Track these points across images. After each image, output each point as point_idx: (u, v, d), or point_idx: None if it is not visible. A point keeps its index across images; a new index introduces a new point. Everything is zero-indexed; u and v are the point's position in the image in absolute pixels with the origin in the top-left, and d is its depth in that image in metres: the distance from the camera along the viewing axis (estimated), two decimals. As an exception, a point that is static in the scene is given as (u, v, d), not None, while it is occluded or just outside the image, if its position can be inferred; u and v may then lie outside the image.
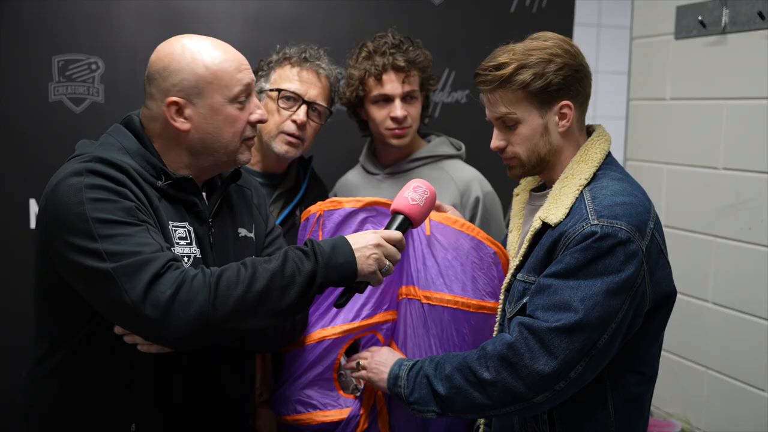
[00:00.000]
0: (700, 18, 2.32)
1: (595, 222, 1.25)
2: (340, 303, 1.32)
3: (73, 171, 1.21)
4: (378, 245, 1.27)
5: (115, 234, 1.15)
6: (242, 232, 1.44)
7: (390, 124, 1.82)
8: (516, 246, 1.48)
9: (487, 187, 1.90)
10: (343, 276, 1.24)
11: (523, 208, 1.52)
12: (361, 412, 1.51)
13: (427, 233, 1.50)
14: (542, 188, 1.47)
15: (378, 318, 1.53)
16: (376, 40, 1.85)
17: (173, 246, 1.27)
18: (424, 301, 1.49)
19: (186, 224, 1.31)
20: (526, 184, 1.54)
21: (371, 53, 1.81)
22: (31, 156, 2.07)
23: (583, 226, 1.26)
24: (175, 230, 1.29)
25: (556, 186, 1.37)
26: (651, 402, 1.40)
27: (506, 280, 1.43)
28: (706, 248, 2.32)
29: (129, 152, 1.27)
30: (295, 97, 1.77)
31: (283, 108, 1.76)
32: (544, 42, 1.36)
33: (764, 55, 2.13)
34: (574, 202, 1.31)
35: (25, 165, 2.08)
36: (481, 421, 1.53)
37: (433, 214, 1.51)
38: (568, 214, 1.31)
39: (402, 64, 1.79)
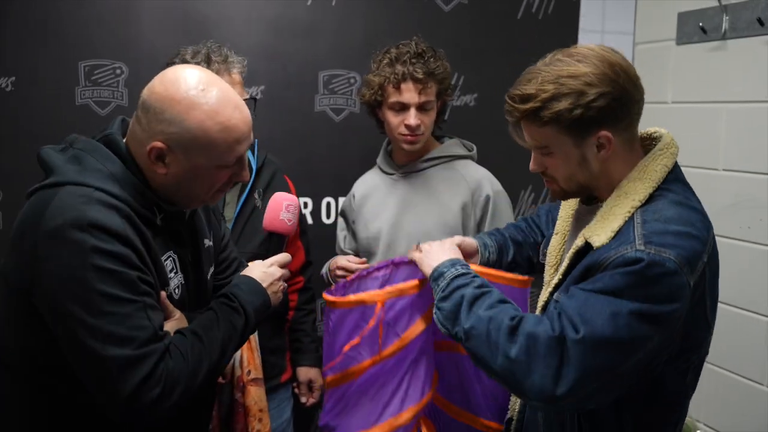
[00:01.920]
0: (700, 24, 2.35)
1: (642, 248, 1.11)
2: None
3: (74, 221, 1.10)
4: (280, 277, 1.40)
5: (113, 312, 1.10)
6: (206, 243, 1.43)
7: (404, 130, 1.86)
8: (558, 250, 1.41)
9: (498, 186, 1.93)
10: (261, 315, 1.36)
11: (572, 214, 1.42)
12: None
13: None
14: (591, 200, 1.35)
15: (434, 383, 1.50)
16: (400, 47, 1.87)
17: (167, 285, 1.26)
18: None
19: (171, 252, 1.28)
20: None
21: (393, 61, 1.84)
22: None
23: (627, 249, 1.13)
24: (166, 263, 1.26)
25: (607, 204, 1.24)
26: (673, 424, 1.31)
27: (544, 297, 1.35)
28: None
29: (117, 181, 1.18)
30: None
31: None
32: (578, 65, 1.18)
33: (763, 60, 2.17)
34: (623, 225, 1.18)
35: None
36: (515, 411, 1.47)
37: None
38: (614, 237, 1.18)
39: (420, 76, 1.82)
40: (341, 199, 2.33)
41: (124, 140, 1.25)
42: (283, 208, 1.49)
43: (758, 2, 2.17)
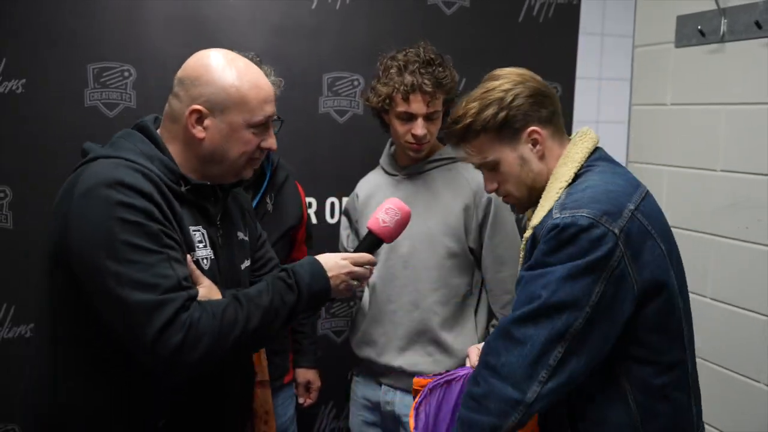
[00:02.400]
0: (699, 27, 2.37)
1: (558, 215, 1.24)
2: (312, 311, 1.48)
3: (103, 180, 1.20)
4: (349, 272, 1.42)
5: (137, 260, 1.17)
6: (240, 235, 1.49)
7: (410, 138, 1.87)
8: None
9: (499, 187, 1.97)
10: (318, 301, 1.40)
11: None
12: None
13: None
14: None
15: None
16: (407, 54, 1.86)
17: (194, 250, 1.31)
18: None
19: (200, 227, 1.35)
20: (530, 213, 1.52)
21: (401, 69, 1.83)
22: (68, 157, 2.15)
23: (547, 221, 1.26)
24: (194, 234, 1.33)
25: (545, 191, 1.37)
26: (685, 390, 1.33)
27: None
28: (705, 246, 2.38)
29: (148, 157, 1.29)
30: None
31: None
32: (495, 81, 1.39)
33: (761, 62, 2.19)
34: (553, 204, 1.31)
35: (63, 165, 2.15)
36: None
37: None
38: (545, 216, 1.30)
39: (429, 89, 1.81)
40: (345, 199, 2.36)
41: (158, 131, 1.37)
42: (383, 209, 1.52)
43: (756, 6, 2.20)
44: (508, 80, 1.38)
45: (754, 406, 2.24)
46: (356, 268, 1.44)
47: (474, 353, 1.48)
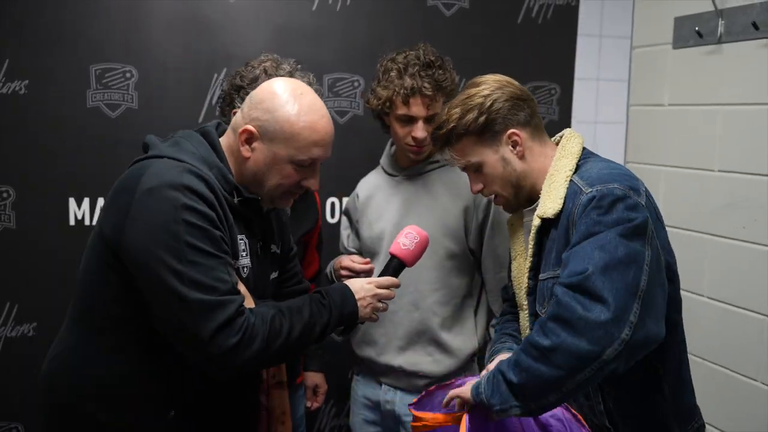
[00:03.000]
0: (696, 28, 2.39)
1: (590, 189, 1.29)
2: (343, 334, 1.56)
3: (169, 182, 1.24)
4: (374, 295, 1.51)
5: (199, 262, 1.22)
6: (273, 248, 1.56)
7: (410, 141, 1.86)
8: (523, 269, 1.50)
9: (500, 188, 1.97)
10: (346, 322, 1.48)
11: (521, 233, 1.55)
12: None
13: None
14: (532, 202, 1.49)
15: None
16: (407, 56, 1.85)
17: (238, 258, 1.37)
18: None
19: (244, 236, 1.41)
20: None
21: (401, 72, 1.82)
22: (70, 157, 2.19)
23: (581, 199, 1.30)
24: (240, 242, 1.39)
25: (544, 185, 1.41)
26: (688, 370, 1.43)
27: (524, 285, 1.47)
28: (702, 246, 2.39)
29: (207, 163, 1.34)
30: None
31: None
32: (475, 88, 1.46)
33: (758, 63, 2.20)
34: (567, 191, 1.36)
35: (65, 166, 2.20)
36: None
37: None
38: (564, 204, 1.34)
39: (429, 92, 1.80)
40: (345, 199, 2.37)
41: (219, 139, 1.42)
42: (403, 234, 1.60)
43: (753, 7, 2.21)
44: (487, 86, 1.45)
45: (751, 404, 2.25)
46: (381, 290, 1.52)
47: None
